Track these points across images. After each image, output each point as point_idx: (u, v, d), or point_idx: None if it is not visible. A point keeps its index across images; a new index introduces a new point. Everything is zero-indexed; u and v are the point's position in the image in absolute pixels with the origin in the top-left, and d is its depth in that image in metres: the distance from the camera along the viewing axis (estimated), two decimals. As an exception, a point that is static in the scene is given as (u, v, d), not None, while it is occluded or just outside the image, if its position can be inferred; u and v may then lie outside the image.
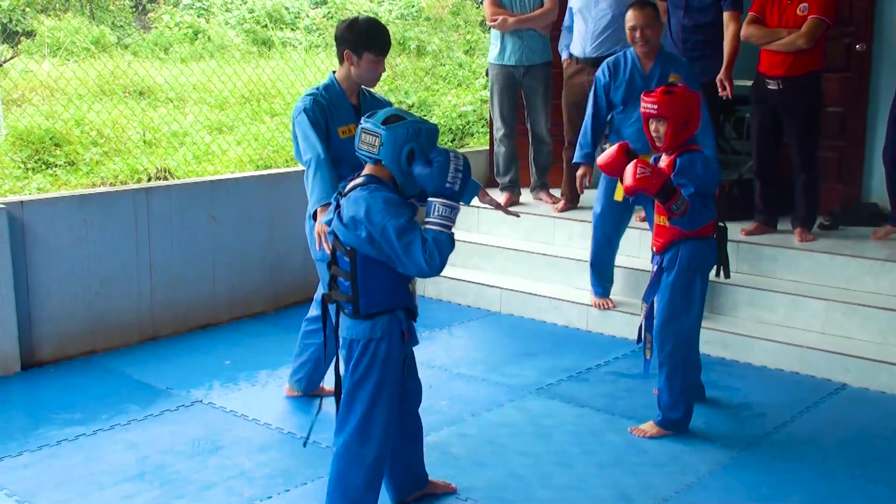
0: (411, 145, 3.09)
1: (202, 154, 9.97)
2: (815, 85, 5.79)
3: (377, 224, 3.04)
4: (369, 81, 4.31)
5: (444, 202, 3.05)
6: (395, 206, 3.08)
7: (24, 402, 4.80)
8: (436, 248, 3.01)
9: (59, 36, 15.36)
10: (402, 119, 3.12)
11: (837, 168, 6.52)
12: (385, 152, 3.10)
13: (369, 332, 3.23)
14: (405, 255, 3.02)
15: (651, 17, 5.03)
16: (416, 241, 3.01)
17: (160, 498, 3.77)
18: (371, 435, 3.29)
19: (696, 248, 4.24)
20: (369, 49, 4.18)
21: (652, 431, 4.37)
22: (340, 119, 4.26)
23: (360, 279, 3.18)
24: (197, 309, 5.94)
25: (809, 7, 5.59)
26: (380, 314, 3.22)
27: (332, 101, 4.27)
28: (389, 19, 17.68)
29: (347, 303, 3.24)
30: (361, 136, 3.15)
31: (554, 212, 6.70)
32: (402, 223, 3.03)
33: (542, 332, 5.97)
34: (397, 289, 3.24)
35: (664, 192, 3.97)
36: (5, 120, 11.03)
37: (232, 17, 18.41)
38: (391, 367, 3.28)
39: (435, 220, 3.05)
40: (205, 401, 4.80)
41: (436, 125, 3.20)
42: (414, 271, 3.07)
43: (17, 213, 5.11)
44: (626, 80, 5.25)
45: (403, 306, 3.29)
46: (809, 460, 4.15)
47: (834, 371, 5.06)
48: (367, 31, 4.18)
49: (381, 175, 3.18)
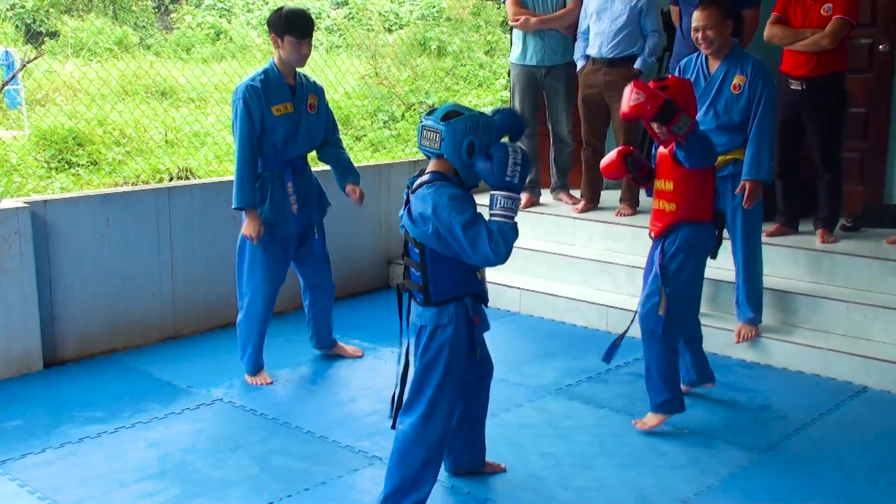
0: (470, 138, 3.25)
1: (223, 154, 10.02)
2: (839, 85, 5.75)
3: (444, 220, 3.19)
4: (295, 62, 4.76)
5: (505, 194, 3.21)
6: (460, 202, 3.22)
7: (47, 399, 4.84)
8: (501, 238, 3.17)
9: (83, 36, 15.47)
10: (460, 114, 3.27)
11: (859, 169, 6.48)
12: (446, 147, 3.26)
13: (437, 319, 3.38)
14: (471, 248, 3.17)
15: (714, 18, 4.91)
16: (482, 233, 3.16)
17: (181, 495, 3.80)
18: (436, 416, 3.44)
19: (694, 232, 4.28)
20: (289, 32, 4.67)
21: (652, 422, 4.39)
22: (276, 99, 4.73)
23: (429, 269, 3.36)
24: (218, 308, 5.97)
25: (834, 7, 5.56)
26: (448, 301, 3.38)
27: (269, 83, 4.73)
28: (410, 20, 17.70)
29: (419, 291, 3.41)
30: (422, 132, 3.32)
31: (574, 212, 6.69)
32: (467, 218, 3.17)
33: (562, 332, 5.97)
34: (465, 277, 3.41)
35: (662, 114, 3.98)
36: (29, 119, 11.12)
37: (253, 18, 18.48)
38: (457, 352, 3.43)
39: (498, 211, 3.21)
40: (225, 399, 4.83)
41: (493, 118, 3.35)
42: (481, 262, 3.23)
43: (41, 213, 5.15)
44: (692, 81, 5.19)
45: (472, 293, 3.44)
46: (830, 463, 4.12)
47: (855, 373, 5.03)
48: (286, 17, 4.67)
49: (445, 170, 3.33)
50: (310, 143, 4.94)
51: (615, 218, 6.52)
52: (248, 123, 4.66)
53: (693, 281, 4.39)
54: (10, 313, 5.02)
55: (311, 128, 4.91)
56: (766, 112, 4.93)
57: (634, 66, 6.46)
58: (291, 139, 4.80)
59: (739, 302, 5.32)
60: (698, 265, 4.37)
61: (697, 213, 4.28)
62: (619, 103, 6.42)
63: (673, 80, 4.19)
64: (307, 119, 4.87)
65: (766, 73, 4.95)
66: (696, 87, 5.14)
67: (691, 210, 4.28)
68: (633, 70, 6.46)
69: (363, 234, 6.77)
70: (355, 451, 4.21)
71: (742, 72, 4.97)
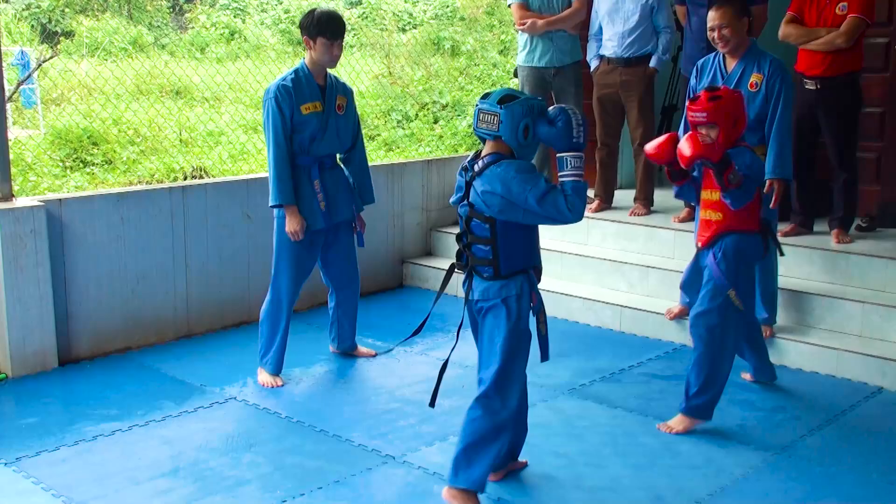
0: (527, 120, 3.42)
1: (237, 153, 10.05)
2: (854, 85, 5.73)
3: (518, 195, 3.35)
4: (327, 63, 4.84)
5: (573, 155, 3.40)
6: (528, 173, 3.39)
7: (62, 397, 4.86)
8: (576, 197, 3.35)
9: (98, 36, 15.54)
10: (516, 98, 3.43)
11: (875, 169, 6.44)
12: (504, 129, 3.41)
13: (506, 291, 3.51)
14: (552, 213, 3.35)
15: (729, 17, 4.89)
16: (559, 197, 3.34)
17: (194, 494, 3.80)
18: (506, 388, 3.56)
19: (740, 241, 4.30)
20: (321, 34, 4.74)
21: (678, 427, 4.37)
22: (305, 98, 4.80)
23: (500, 243, 3.48)
24: (232, 306, 5.98)
25: (849, 6, 5.54)
26: (517, 274, 3.52)
27: (299, 83, 4.80)
28: (424, 19, 17.70)
29: (487, 267, 3.52)
30: (479, 116, 3.46)
31: (588, 212, 6.67)
32: (541, 189, 3.33)
33: (575, 332, 5.96)
34: (531, 249, 3.58)
35: (723, 162, 4.03)
36: (44, 119, 11.17)
37: (268, 18, 18.53)
38: (525, 323, 3.56)
39: (569, 172, 3.39)
40: (239, 398, 4.84)
41: (543, 101, 3.57)
42: (562, 221, 3.40)
43: (56, 211, 5.18)
44: (710, 80, 5.18)
45: (535, 266, 3.60)
46: (845, 464, 4.10)
47: (870, 374, 5.00)
48: (318, 19, 4.75)
49: (502, 150, 3.48)
50: (338, 142, 4.97)
51: (629, 218, 6.51)
52: (281, 122, 4.73)
53: (747, 288, 4.39)
54: (26, 311, 5.04)
55: (340, 128, 4.95)
56: (785, 110, 4.92)
57: (650, 66, 6.44)
58: (319, 138, 4.85)
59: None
60: (748, 273, 4.38)
61: (744, 223, 4.29)
62: (635, 103, 6.46)
63: (725, 91, 4.23)
64: (335, 119, 4.91)
65: (783, 71, 4.95)
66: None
67: (739, 219, 4.28)
68: (650, 69, 6.45)
69: (376, 234, 6.77)
70: (368, 449, 4.21)
71: (759, 70, 4.95)
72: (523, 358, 3.62)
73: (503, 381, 3.54)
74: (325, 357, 5.38)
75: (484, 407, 3.53)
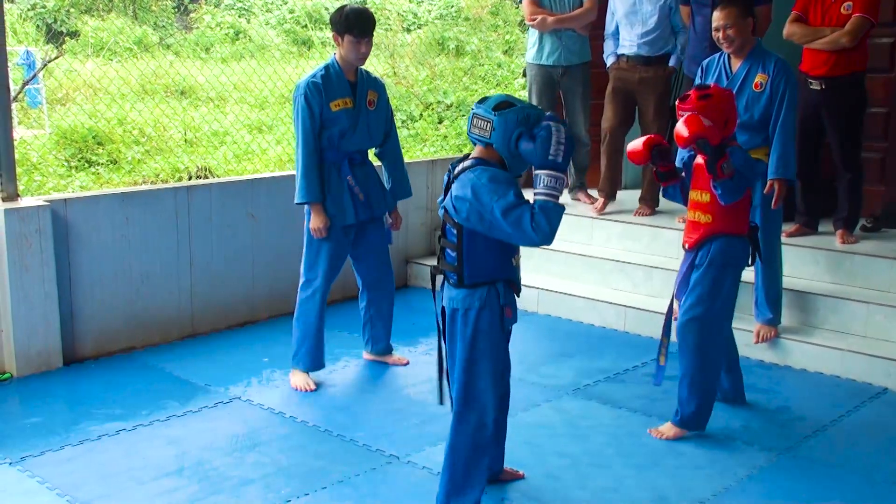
0: (521, 129, 3.27)
1: (242, 153, 10.06)
2: (859, 85, 5.72)
3: (486, 204, 3.21)
4: (355, 60, 4.81)
5: (548, 173, 3.22)
6: (501, 184, 3.24)
7: (66, 397, 4.87)
8: (543, 216, 3.17)
9: (103, 36, 15.56)
10: (512, 105, 3.30)
11: (880, 169, 6.43)
12: (496, 136, 3.29)
13: (468, 302, 3.39)
14: (514, 229, 3.19)
15: (734, 17, 4.89)
16: (525, 214, 3.17)
17: (198, 493, 3.81)
18: (473, 400, 3.45)
19: (728, 245, 4.22)
20: (349, 31, 4.72)
21: (669, 433, 4.33)
22: (335, 94, 4.78)
23: (465, 250, 3.37)
24: (236, 306, 5.99)
25: (853, 5, 5.53)
26: (481, 284, 3.39)
27: (329, 79, 4.79)
28: (429, 19, 17.71)
29: (452, 273, 3.42)
30: (473, 121, 3.35)
31: (592, 212, 6.67)
32: (508, 201, 3.19)
33: (579, 332, 5.96)
34: (500, 262, 3.42)
35: (720, 148, 3.98)
36: (50, 118, 11.19)
37: (272, 18, 18.54)
38: (489, 336, 3.43)
39: (542, 190, 3.22)
40: (243, 398, 4.84)
41: (542, 111, 3.37)
42: (525, 241, 3.24)
43: (61, 211, 5.19)
44: (714, 80, 5.16)
45: (505, 278, 3.44)
46: (849, 465, 4.10)
47: (875, 375, 5.00)
48: (347, 16, 4.72)
49: (489, 157, 3.35)
50: (369, 138, 4.94)
51: (634, 218, 6.51)
52: (310, 119, 4.72)
53: (731, 293, 4.31)
54: (31, 311, 5.05)
55: (371, 123, 4.92)
56: (789, 110, 4.91)
57: (670, 64, 6.44)
58: (349, 133, 4.82)
59: (758, 302, 5.30)
60: (735, 278, 4.30)
61: (733, 226, 4.21)
62: (651, 101, 6.45)
63: (715, 89, 4.17)
64: (366, 115, 4.88)
65: (788, 72, 4.94)
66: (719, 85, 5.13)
67: (727, 222, 4.21)
68: (669, 68, 6.45)
69: (381, 234, 6.77)
70: (373, 449, 4.21)
71: (764, 70, 4.95)
72: (489, 371, 3.44)
73: (471, 398, 3.44)
74: (330, 357, 5.37)
75: (458, 431, 3.46)
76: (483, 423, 3.46)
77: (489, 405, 3.46)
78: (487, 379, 3.45)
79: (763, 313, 5.30)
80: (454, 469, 3.47)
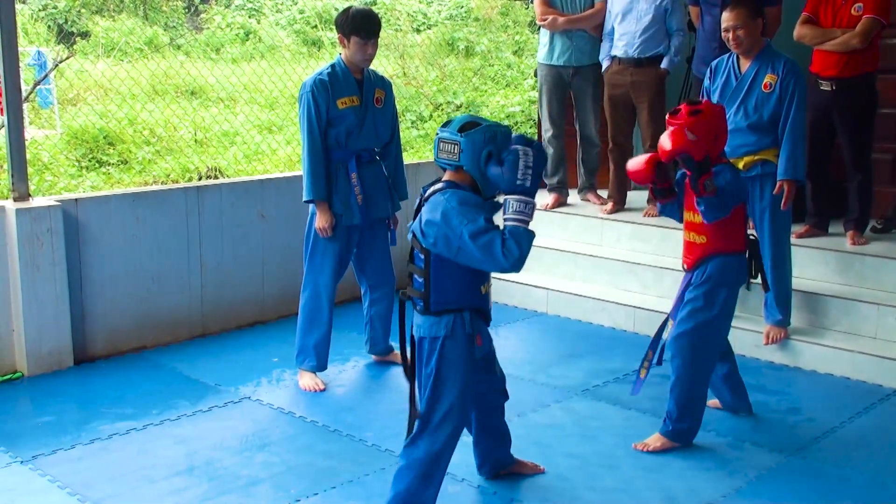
0: (489, 148, 3.21)
1: (252, 153, 10.09)
2: (870, 86, 5.71)
3: (455, 228, 3.14)
4: (360, 61, 4.81)
5: (517, 198, 3.14)
6: (471, 208, 3.18)
7: (77, 396, 4.89)
8: (513, 242, 3.09)
9: (114, 36, 15.61)
10: (477, 125, 3.24)
11: (891, 170, 6.42)
12: (465, 158, 3.23)
13: (434, 330, 3.34)
14: (483, 254, 3.11)
15: (744, 18, 4.87)
16: (495, 239, 3.09)
17: (208, 493, 3.82)
18: (427, 430, 3.38)
19: (725, 264, 4.15)
20: (356, 33, 4.71)
21: (656, 444, 4.26)
22: (342, 92, 4.78)
23: (432, 276, 3.31)
24: (246, 306, 6.01)
25: (864, 7, 5.51)
26: (447, 312, 3.33)
27: (336, 77, 4.79)
28: (438, 20, 17.71)
29: (419, 299, 3.37)
30: (440, 145, 3.29)
31: (602, 213, 6.67)
32: (478, 225, 3.12)
33: (589, 333, 5.96)
34: (468, 289, 3.35)
35: (704, 164, 3.92)
36: (61, 119, 11.23)
37: (282, 18, 18.57)
38: (454, 365, 3.36)
39: (511, 216, 3.13)
40: (253, 397, 4.86)
41: (509, 127, 3.32)
42: (495, 267, 3.15)
43: (72, 211, 5.21)
44: (723, 81, 5.17)
45: (473, 307, 3.37)
46: (859, 467, 4.09)
47: (885, 377, 4.99)
48: (353, 18, 4.72)
49: (460, 180, 3.29)
50: (376, 136, 4.93)
51: (643, 218, 6.50)
52: (316, 116, 4.71)
53: (728, 312, 4.25)
54: (42, 310, 5.07)
55: (378, 122, 4.91)
56: (798, 111, 4.90)
57: (662, 66, 6.43)
58: (356, 132, 4.82)
59: (768, 304, 5.29)
60: (730, 295, 4.23)
61: (729, 244, 4.16)
62: (646, 104, 6.45)
63: (706, 105, 4.12)
64: (373, 113, 4.87)
65: (797, 72, 4.93)
66: (727, 87, 5.12)
67: (722, 241, 4.15)
68: (661, 70, 6.44)
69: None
70: (382, 449, 4.22)
71: (773, 71, 4.94)
72: (449, 401, 3.36)
73: (426, 427, 3.38)
74: (338, 357, 5.38)
75: (409, 457, 3.39)
76: (433, 451, 3.38)
77: (443, 434, 3.37)
78: (447, 408, 3.37)
79: (773, 315, 5.29)
80: (398, 493, 3.41)
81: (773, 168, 5.02)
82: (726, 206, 4.04)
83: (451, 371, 3.36)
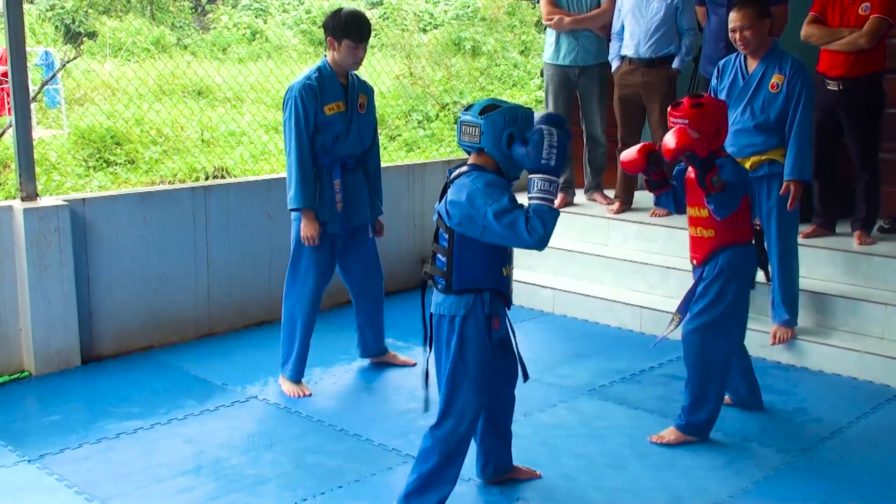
0: (510, 130, 3.25)
1: (259, 153, 10.10)
2: (877, 85, 5.69)
3: (479, 208, 3.19)
4: (350, 65, 4.74)
5: (542, 177, 3.19)
6: (496, 188, 3.23)
7: (85, 395, 4.90)
8: (538, 220, 3.13)
9: (121, 37, 15.64)
10: (497, 107, 3.28)
11: (899, 171, 6.40)
12: (486, 140, 3.27)
13: (454, 309, 3.38)
14: (508, 231, 3.16)
15: (751, 18, 4.86)
16: (519, 217, 3.14)
17: (216, 492, 3.83)
18: (451, 410, 3.43)
19: (734, 256, 4.16)
20: (347, 36, 4.62)
21: (671, 438, 4.28)
22: (329, 97, 4.68)
23: (455, 255, 3.36)
24: (253, 306, 6.01)
25: (872, 6, 5.50)
26: (468, 291, 3.37)
27: (322, 82, 4.68)
28: (445, 20, 17.71)
29: (441, 278, 3.41)
30: (462, 128, 3.33)
31: (608, 213, 6.67)
32: (502, 205, 3.17)
33: (595, 333, 5.96)
34: (490, 269, 3.40)
35: (708, 161, 3.92)
36: (68, 119, 11.26)
37: (289, 18, 18.59)
38: (474, 345, 3.40)
39: (536, 194, 3.18)
40: (260, 397, 4.86)
41: (531, 109, 3.36)
42: (520, 243, 3.20)
43: (80, 211, 5.22)
44: (730, 81, 5.16)
45: (493, 288, 3.41)
46: (866, 467, 4.08)
47: (893, 377, 4.97)
48: (345, 21, 4.63)
49: (484, 163, 3.34)
50: (359, 142, 4.85)
51: (650, 218, 6.50)
52: (304, 122, 4.61)
53: (740, 304, 4.25)
54: (50, 310, 5.08)
55: (361, 128, 4.85)
56: (805, 111, 4.89)
57: (673, 66, 6.42)
58: (342, 138, 4.75)
59: (775, 304, 5.28)
60: (742, 287, 4.23)
61: (737, 235, 4.16)
62: (657, 104, 6.45)
63: (708, 99, 4.13)
64: (357, 118, 4.81)
65: (804, 72, 4.92)
66: (734, 87, 5.11)
67: (730, 233, 4.15)
68: (672, 70, 6.43)
69: (396, 234, 6.78)
70: (388, 449, 4.23)
71: (780, 71, 4.94)
72: (472, 379, 3.41)
73: (450, 408, 3.42)
74: (345, 357, 5.39)
75: (432, 436, 3.44)
76: (457, 432, 3.43)
77: (467, 415, 3.43)
78: (469, 387, 3.42)
79: (780, 314, 5.29)
80: (421, 473, 3.45)
81: (779, 168, 5.01)
82: (736, 198, 4.05)
83: (471, 351, 3.41)
